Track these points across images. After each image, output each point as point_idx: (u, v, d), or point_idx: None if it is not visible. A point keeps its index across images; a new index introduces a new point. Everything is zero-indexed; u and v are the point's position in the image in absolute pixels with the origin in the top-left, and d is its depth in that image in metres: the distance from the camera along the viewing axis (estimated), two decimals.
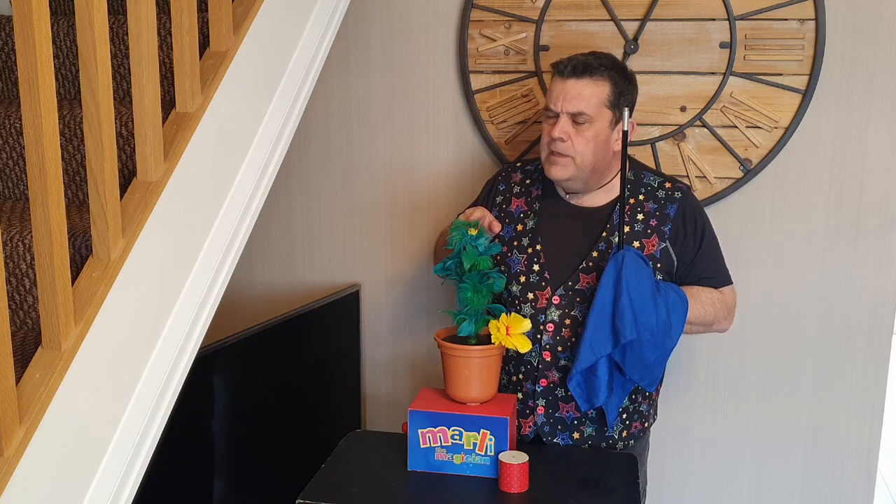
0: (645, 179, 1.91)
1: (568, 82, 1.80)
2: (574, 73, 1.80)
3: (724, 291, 1.92)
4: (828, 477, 2.28)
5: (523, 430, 1.90)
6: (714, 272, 1.91)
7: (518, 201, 1.96)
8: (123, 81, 1.67)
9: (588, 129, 1.80)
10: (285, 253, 2.55)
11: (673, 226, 1.86)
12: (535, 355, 1.85)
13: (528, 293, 1.86)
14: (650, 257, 1.84)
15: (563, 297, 1.84)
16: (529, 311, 1.85)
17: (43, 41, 1.08)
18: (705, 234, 1.90)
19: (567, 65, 1.81)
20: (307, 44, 1.78)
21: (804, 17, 2.11)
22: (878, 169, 2.14)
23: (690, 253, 1.87)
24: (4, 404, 1.06)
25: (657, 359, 1.80)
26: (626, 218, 1.84)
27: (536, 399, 1.87)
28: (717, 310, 1.88)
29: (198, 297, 1.44)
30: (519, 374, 1.89)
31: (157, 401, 1.34)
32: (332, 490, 1.64)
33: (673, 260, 1.87)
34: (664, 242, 1.85)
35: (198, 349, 1.45)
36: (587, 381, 1.80)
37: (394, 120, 2.41)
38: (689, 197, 1.91)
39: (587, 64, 1.81)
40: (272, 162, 1.67)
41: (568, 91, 1.80)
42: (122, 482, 1.25)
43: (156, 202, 1.35)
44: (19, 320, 1.36)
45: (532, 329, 1.82)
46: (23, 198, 1.62)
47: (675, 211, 1.87)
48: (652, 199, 1.88)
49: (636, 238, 1.85)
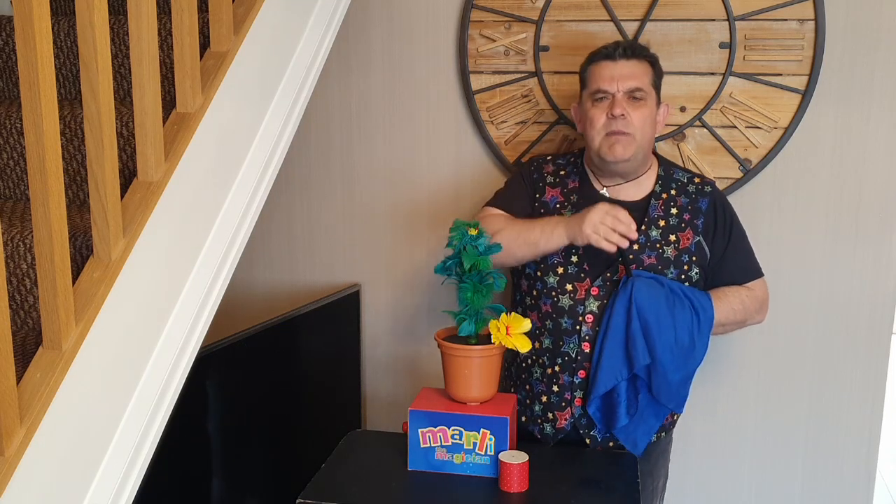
0: (675, 175, 1.94)
1: (619, 63, 1.85)
2: (625, 54, 1.86)
3: (753, 286, 1.94)
4: (828, 477, 2.28)
5: (559, 423, 1.90)
6: (744, 265, 1.95)
7: (553, 191, 1.97)
8: (124, 81, 1.67)
9: (644, 106, 1.85)
10: (286, 253, 2.55)
11: (705, 219, 1.89)
12: (574, 346, 1.86)
13: (567, 284, 1.86)
14: (685, 251, 1.86)
15: (601, 287, 1.85)
16: (568, 302, 1.86)
17: (43, 41, 1.08)
18: (734, 227, 1.94)
19: (616, 48, 1.87)
20: (308, 44, 1.78)
21: (804, 17, 2.11)
22: (878, 169, 2.14)
23: (721, 246, 1.91)
24: (5, 404, 1.06)
25: (682, 379, 1.83)
26: (657, 216, 1.87)
27: (574, 391, 1.87)
28: (748, 306, 1.92)
29: (198, 296, 1.44)
30: (555, 366, 1.89)
31: (158, 400, 1.34)
32: (332, 490, 1.63)
33: (706, 253, 1.89)
34: (698, 236, 1.88)
35: (198, 349, 1.45)
36: (606, 404, 1.83)
37: (394, 120, 2.41)
38: (718, 191, 1.96)
39: (635, 46, 1.89)
40: (273, 162, 1.68)
41: (622, 70, 1.85)
42: (122, 482, 1.25)
43: (156, 202, 1.35)
44: (20, 320, 1.36)
45: (571, 320, 1.84)
46: (23, 198, 1.62)
47: (707, 205, 1.90)
48: (683, 194, 1.91)
49: (671, 232, 1.87)
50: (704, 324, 1.82)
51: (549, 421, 1.91)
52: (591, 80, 1.90)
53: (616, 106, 1.83)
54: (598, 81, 1.87)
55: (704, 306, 1.83)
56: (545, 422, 1.92)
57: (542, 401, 1.91)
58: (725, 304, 1.88)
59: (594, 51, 1.92)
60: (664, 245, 1.86)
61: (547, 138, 2.30)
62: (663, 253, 1.86)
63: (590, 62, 1.92)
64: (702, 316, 1.82)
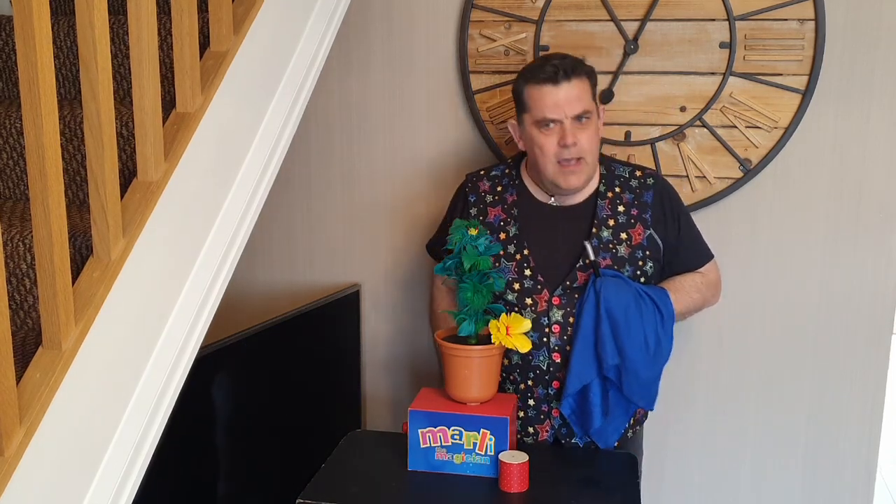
0: (616, 171, 1.93)
1: (562, 86, 1.79)
2: (565, 76, 1.79)
3: (706, 271, 1.98)
4: (828, 477, 2.28)
5: (540, 436, 1.89)
6: (697, 251, 1.97)
7: (494, 210, 1.94)
8: (124, 81, 1.67)
9: (589, 126, 1.82)
10: (285, 253, 2.55)
11: (653, 212, 1.89)
12: (545, 359, 1.85)
13: (526, 299, 1.85)
14: (638, 247, 1.86)
15: (562, 296, 1.84)
16: (531, 315, 1.84)
17: (43, 41, 1.08)
18: (682, 215, 1.95)
19: (556, 72, 1.79)
20: (307, 44, 1.78)
21: (804, 17, 2.11)
22: (878, 169, 2.14)
23: (673, 236, 1.91)
24: (5, 404, 1.06)
25: (652, 377, 1.84)
26: (605, 216, 1.87)
27: (551, 402, 1.86)
28: (704, 292, 1.96)
29: (198, 296, 1.44)
30: (527, 380, 1.87)
31: (158, 400, 1.34)
32: (332, 490, 1.63)
33: (659, 245, 1.89)
34: (648, 230, 1.88)
35: (198, 349, 1.45)
36: (581, 407, 1.83)
37: (394, 120, 2.41)
38: (661, 181, 1.95)
39: (572, 66, 1.81)
40: (272, 162, 1.67)
41: (566, 95, 1.79)
42: (122, 482, 1.25)
43: (156, 202, 1.35)
44: (20, 320, 1.36)
45: (537, 333, 1.83)
46: (23, 198, 1.62)
47: (652, 197, 1.90)
48: (627, 190, 1.90)
49: (622, 230, 1.86)
50: (668, 320, 1.83)
51: (531, 435, 1.90)
52: (535, 107, 1.82)
53: (567, 136, 1.78)
54: (542, 110, 1.80)
55: (665, 303, 1.84)
56: (526, 437, 1.90)
57: (521, 416, 1.90)
58: (684, 295, 1.90)
59: (529, 71, 1.85)
60: (616, 244, 1.85)
61: None
62: (617, 252, 1.85)
63: (526, 83, 1.83)
64: (664, 312, 1.83)
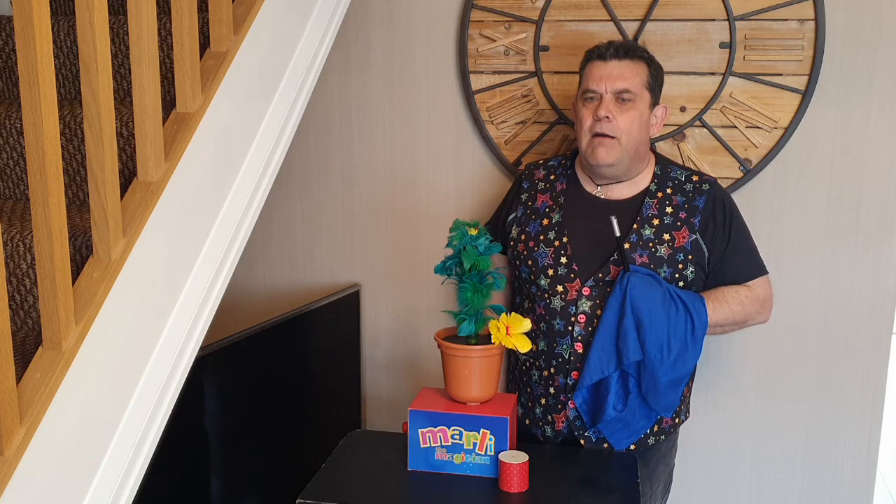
0: (672, 173, 1.93)
1: (610, 63, 1.84)
2: (616, 54, 1.85)
3: (754, 285, 1.93)
4: (828, 477, 2.28)
5: (557, 425, 1.90)
6: (746, 264, 1.93)
7: (543, 197, 1.98)
8: (124, 81, 1.67)
9: (632, 109, 1.83)
10: (286, 253, 2.55)
11: (702, 217, 1.88)
12: (567, 347, 1.85)
13: (557, 286, 1.86)
14: (680, 249, 1.85)
15: (593, 288, 1.84)
16: (560, 303, 1.85)
17: (43, 41, 1.08)
18: (734, 225, 1.92)
19: (608, 48, 1.86)
20: (307, 44, 1.78)
21: (804, 17, 2.11)
22: (878, 169, 2.14)
23: (721, 244, 1.89)
24: (5, 404, 1.06)
25: (671, 382, 1.82)
26: (651, 214, 1.86)
27: (568, 393, 1.87)
28: (747, 307, 1.90)
29: (198, 296, 1.44)
30: (550, 368, 1.88)
31: (158, 400, 1.34)
32: (332, 490, 1.63)
33: (704, 251, 1.88)
34: (694, 234, 1.87)
35: (198, 349, 1.45)
36: (594, 398, 1.83)
37: (394, 120, 2.41)
38: (717, 188, 1.94)
39: (628, 47, 1.87)
40: (273, 162, 1.68)
41: (611, 71, 1.84)
42: (122, 482, 1.25)
43: (156, 202, 1.35)
44: (20, 320, 1.36)
45: (563, 321, 1.84)
46: (23, 198, 1.62)
47: (704, 202, 1.89)
48: (680, 193, 1.90)
49: (665, 231, 1.86)
50: (699, 329, 1.81)
51: (549, 423, 1.91)
52: (584, 80, 1.90)
53: (601, 107, 1.83)
54: (588, 81, 1.87)
55: (699, 310, 1.82)
56: (546, 424, 1.92)
57: (542, 403, 1.92)
58: (723, 306, 1.87)
59: (591, 48, 1.92)
60: (657, 244, 1.85)
61: (547, 138, 2.30)
62: (656, 251, 1.85)
63: (586, 60, 1.92)
64: (696, 320, 1.81)
